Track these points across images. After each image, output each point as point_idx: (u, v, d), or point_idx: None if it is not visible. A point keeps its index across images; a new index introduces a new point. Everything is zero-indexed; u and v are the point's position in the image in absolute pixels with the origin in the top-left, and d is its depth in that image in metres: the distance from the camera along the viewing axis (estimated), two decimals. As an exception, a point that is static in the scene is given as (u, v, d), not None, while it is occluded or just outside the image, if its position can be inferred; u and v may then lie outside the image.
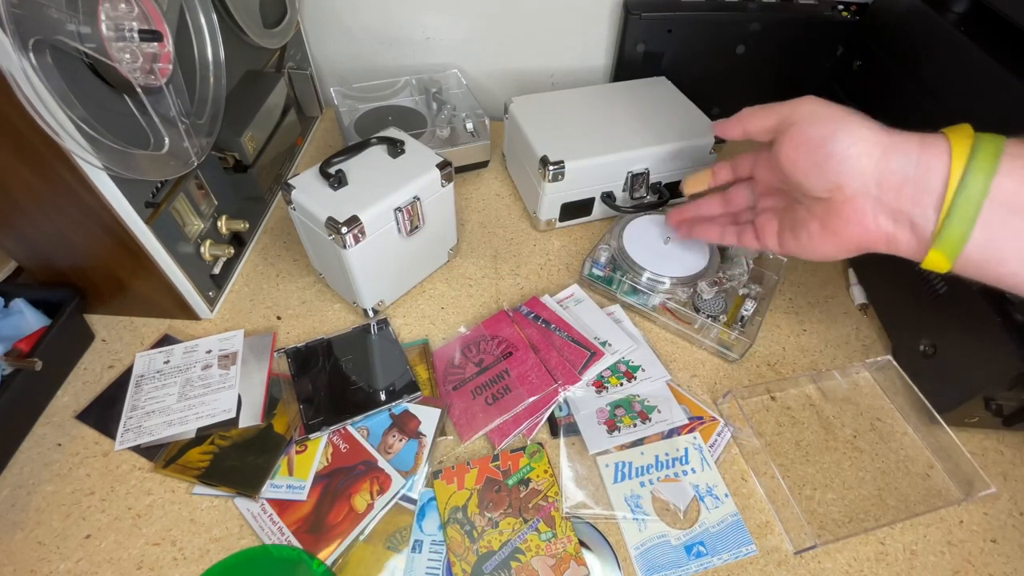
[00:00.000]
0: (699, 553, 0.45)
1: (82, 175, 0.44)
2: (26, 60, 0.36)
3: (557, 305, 0.61)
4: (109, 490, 0.48)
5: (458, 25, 0.85)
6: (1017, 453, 0.52)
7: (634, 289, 0.61)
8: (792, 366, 0.58)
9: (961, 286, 0.49)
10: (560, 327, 0.58)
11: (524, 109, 0.72)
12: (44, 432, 0.51)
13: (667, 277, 0.59)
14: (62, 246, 0.52)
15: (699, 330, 0.58)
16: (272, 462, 0.49)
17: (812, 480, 0.50)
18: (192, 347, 0.57)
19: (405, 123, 0.75)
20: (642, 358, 0.57)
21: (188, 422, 0.51)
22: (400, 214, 0.55)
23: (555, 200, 0.68)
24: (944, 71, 0.55)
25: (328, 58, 0.90)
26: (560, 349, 0.56)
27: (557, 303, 0.61)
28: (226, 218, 0.62)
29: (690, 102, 0.74)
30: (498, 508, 0.47)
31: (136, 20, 0.45)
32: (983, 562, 0.46)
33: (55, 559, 0.44)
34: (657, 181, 0.70)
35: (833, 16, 0.73)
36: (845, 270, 0.67)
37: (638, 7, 0.75)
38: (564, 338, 0.57)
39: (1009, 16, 0.50)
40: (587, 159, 0.65)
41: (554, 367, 0.55)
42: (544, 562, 0.44)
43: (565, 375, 0.54)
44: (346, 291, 0.60)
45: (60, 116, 0.39)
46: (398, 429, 0.51)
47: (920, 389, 0.52)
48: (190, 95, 0.53)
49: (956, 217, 0.34)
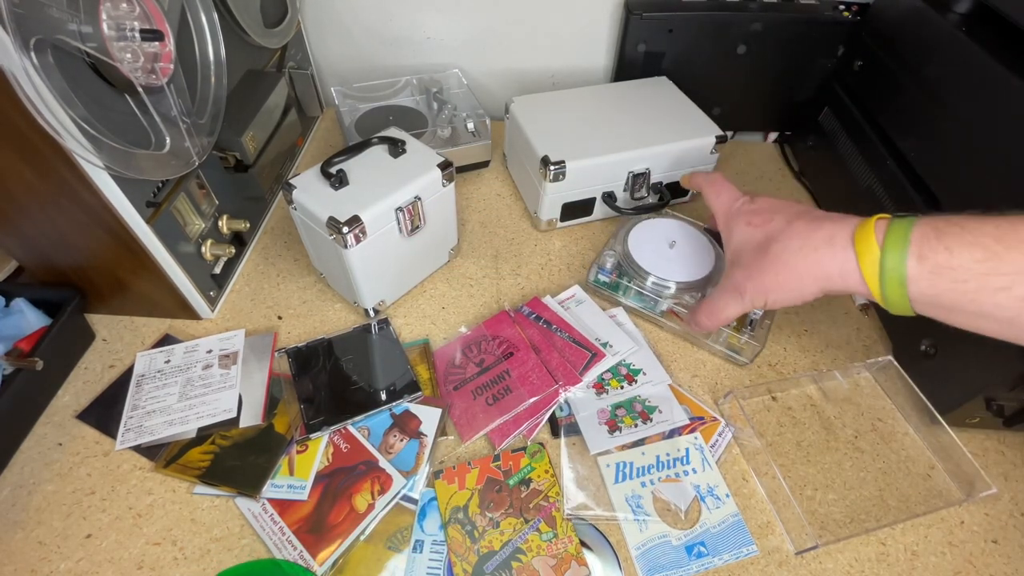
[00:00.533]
0: (700, 553, 0.45)
1: (83, 175, 0.44)
2: (27, 59, 0.36)
3: (558, 306, 0.61)
4: (110, 490, 0.48)
5: (459, 25, 0.85)
6: (1018, 453, 0.52)
7: (641, 295, 0.60)
8: (793, 366, 0.58)
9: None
10: (561, 328, 0.58)
11: (525, 109, 0.72)
12: (45, 432, 0.51)
13: (674, 282, 0.59)
14: (63, 246, 0.52)
15: (708, 335, 0.58)
16: (273, 462, 0.49)
17: (813, 480, 0.50)
18: (193, 347, 0.57)
19: (406, 123, 0.75)
20: (643, 360, 0.57)
21: (189, 422, 0.51)
22: (401, 214, 0.55)
23: (556, 200, 0.68)
24: (945, 71, 0.55)
25: (329, 58, 0.90)
26: (561, 350, 0.56)
27: (559, 304, 0.61)
28: (227, 218, 0.61)
29: (691, 102, 0.73)
30: (499, 508, 0.47)
31: (137, 19, 0.45)
32: (984, 563, 0.46)
33: (56, 559, 0.44)
34: (658, 181, 0.70)
35: (834, 16, 0.73)
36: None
37: (639, 7, 0.75)
38: (565, 339, 0.57)
39: (1010, 16, 0.50)
40: (588, 159, 0.65)
41: (555, 368, 0.55)
42: (545, 562, 0.44)
43: (566, 376, 0.54)
44: (347, 291, 0.60)
45: (61, 115, 0.39)
46: (399, 429, 0.51)
47: (921, 389, 0.52)
48: (191, 95, 0.53)
49: (891, 302, 0.38)
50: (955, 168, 0.53)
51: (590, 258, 0.68)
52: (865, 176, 0.64)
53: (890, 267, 0.36)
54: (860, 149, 0.66)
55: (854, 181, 0.66)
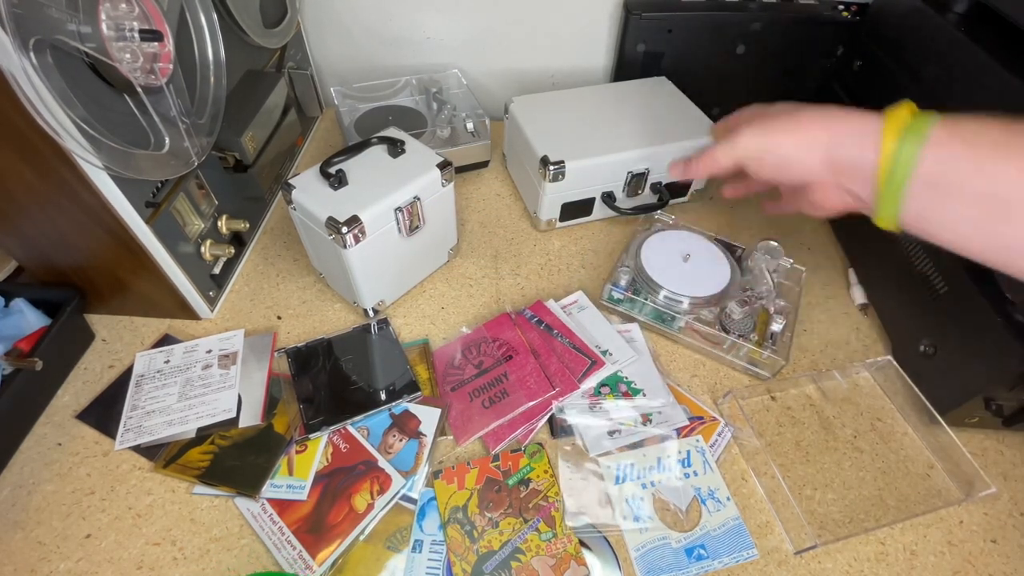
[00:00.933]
0: (700, 556, 0.45)
1: (82, 175, 0.44)
2: (27, 60, 0.36)
3: (561, 311, 0.60)
4: (109, 490, 0.48)
5: (458, 25, 0.85)
6: (1017, 453, 0.52)
7: (658, 312, 0.59)
8: (792, 366, 0.58)
9: (961, 286, 0.49)
10: (562, 333, 0.58)
11: (524, 109, 0.72)
12: (44, 432, 0.51)
13: (688, 297, 0.58)
14: (62, 246, 0.52)
15: (728, 349, 0.57)
16: (272, 462, 0.49)
17: (812, 480, 0.50)
18: (192, 347, 0.57)
19: (405, 123, 0.75)
20: (643, 372, 0.56)
21: (188, 422, 0.51)
22: (400, 214, 0.55)
23: (555, 200, 0.68)
24: (944, 71, 0.55)
25: (328, 58, 0.90)
26: (561, 355, 0.56)
27: (561, 308, 0.61)
28: (226, 218, 0.62)
29: (690, 102, 0.73)
30: (498, 508, 0.47)
31: (136, 20, 0.45)
32: (983, 562, 0.46)
33: (55, 559, 0.44)
34: (658, 181, 0.70)
35: (834, 16, 0.73)
36: (845, 270, 0.67)
37: (638, 7, 0.75)
38: (566, 344, 0.57)
39: (1010, 16, 0.50)
40: (587, 159, 0.65)
41: (553, 373, 0.54)
42: (544, 562, 0.44)
43: (564, 382, 0.54)
44: (346, 291, 0.60)
45: (60, 116, 0.39)
46: (398, 429, 0.51)
47: (920, 389, 0.52)
48: (190, 95, 0.53)
49: (885, 196, 0.39)
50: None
51: (590, 258, 0.69)
52: (864, 176, 0.64)
53: (917, 127, 0.37)
54: (859, 149, 0.66)
55: (853, 181, 0.66)
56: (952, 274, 0.50)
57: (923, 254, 0.54)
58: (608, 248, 0.70)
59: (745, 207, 0.75)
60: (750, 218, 0.74)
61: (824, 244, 0.71)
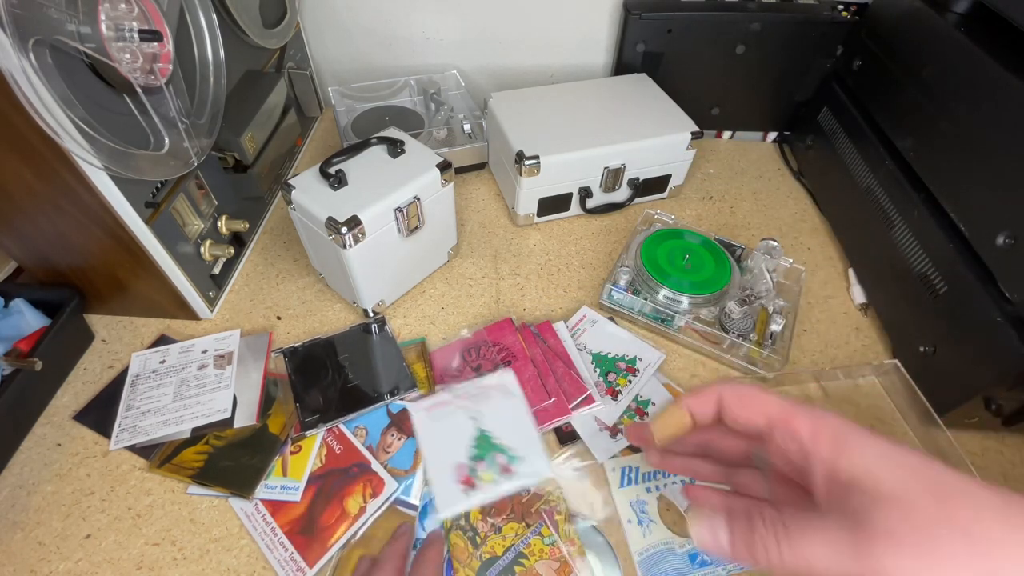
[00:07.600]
0: (704, 562, 0.44)
1: (82, 175, 0.44)
2: (26, 60, 0.36)
3: (568, 336, 0.58)
4: (109, 490, 0.48)
5: (457, 25, 0.85)
6: (1017, 453, 0.52)
7: (657, 312, 0.59)
8: (792, 366, 0.58)
9: (961, 286, 0.49)
10: (565, 362, 0.56)
11: (503, 104, 0.72)
12: (44, 432, 0.51)
13: (687, 296, 0.58)
14: (62, 246, 0.52)
15: (728, 349, 0.57)
16: (266, 463, 0.48)
17: (812, 480, 0.49)
18: (188, 347, 0.57)
19: (402, 124, 0.75)
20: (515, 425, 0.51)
21: (183, 422, 0.50)
22: (400, 214, 0.55)
23: (532, 195, 0.68)
24: (944, 71, 0.55)
25: (328, 58, 0.90)
26: (560, 378, 0.54)
27: (568, 331, 0.58)
28: (226, 218, 0.61)
29: (670, 98, 0.74)
30: (500, 513, 0.46)
31: (136, 20, 0.45)
32: (983, 563, 0.45)
33: (55, 559, 0.44)
34: (635, 176, 0.70)
35: (833, 16, 0.73)
36: (845, 270, 0.67)
37: (638, 7, 0.75)
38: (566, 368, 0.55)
39: (1010, 16, 0.50)
40: (563, 154, 0.65)
41: (551, 390, 0.53)
42: (548, 566, 0.44)
43: (557, 404, 0.52)
44: (346, 291, 0.60)
45: (60, 116, 0.39)
46: (396, 428, 0.51)
47: (920, 389, 0.52)
48: (190, 95, 0.53)
49: None
50: (954, 168, 0.53)
51: (589, 258, 0.69)
52: (864, 176, 0.64)
53: None
54: (859, 149, 0.66)
55: (853, 181, 0.66)
56: (952, 274, 0.50)
57: (923, 254, 0.54)
58: (608, 248, 0.70)
59: (745, 207, 0.75)
60: (750, 218, 0.74)
61: (824, 244, 0.71)
